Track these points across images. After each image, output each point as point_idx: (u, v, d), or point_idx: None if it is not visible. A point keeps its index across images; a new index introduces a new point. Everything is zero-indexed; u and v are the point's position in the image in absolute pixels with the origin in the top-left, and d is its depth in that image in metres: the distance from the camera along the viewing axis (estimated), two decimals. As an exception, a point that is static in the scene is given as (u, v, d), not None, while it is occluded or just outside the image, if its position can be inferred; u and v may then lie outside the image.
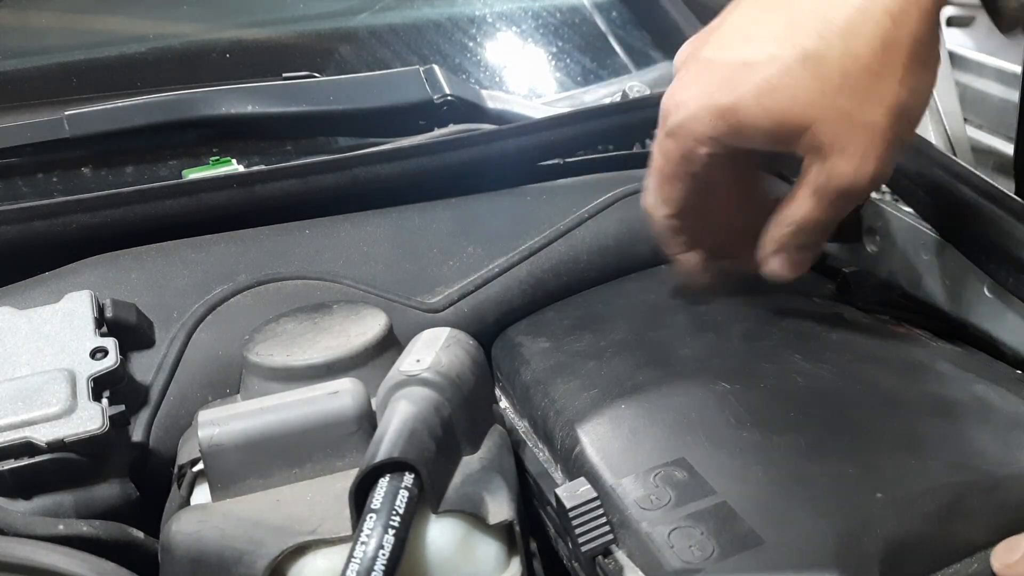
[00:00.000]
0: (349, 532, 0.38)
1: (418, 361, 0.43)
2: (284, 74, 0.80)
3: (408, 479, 0.37)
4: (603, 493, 0.41)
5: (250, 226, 0.60)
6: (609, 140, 0.75)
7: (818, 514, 0.38)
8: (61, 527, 0.42)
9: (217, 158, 0.71)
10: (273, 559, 0.38)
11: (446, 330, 0.47)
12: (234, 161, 0.70)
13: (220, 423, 0.42)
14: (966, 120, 0.74)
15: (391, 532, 0.35)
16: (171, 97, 0.73)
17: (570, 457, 0.44)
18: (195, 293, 0.55)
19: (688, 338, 0.52)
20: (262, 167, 0.64)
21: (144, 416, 0.50)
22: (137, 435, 0.49)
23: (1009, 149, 0.73)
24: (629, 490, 0.40)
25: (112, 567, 0.40)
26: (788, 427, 0.44)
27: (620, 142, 0.77)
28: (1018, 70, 0.84)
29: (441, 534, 0.40)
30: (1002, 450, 0.42)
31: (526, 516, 0.44)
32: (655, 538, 0.38)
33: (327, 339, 0.48)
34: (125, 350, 0.50)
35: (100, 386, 0.46)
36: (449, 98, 0.76)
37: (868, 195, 0.46)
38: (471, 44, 0.98)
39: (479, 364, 0.46)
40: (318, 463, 0.42)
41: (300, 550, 0.39)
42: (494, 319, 0.59)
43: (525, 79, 0.97)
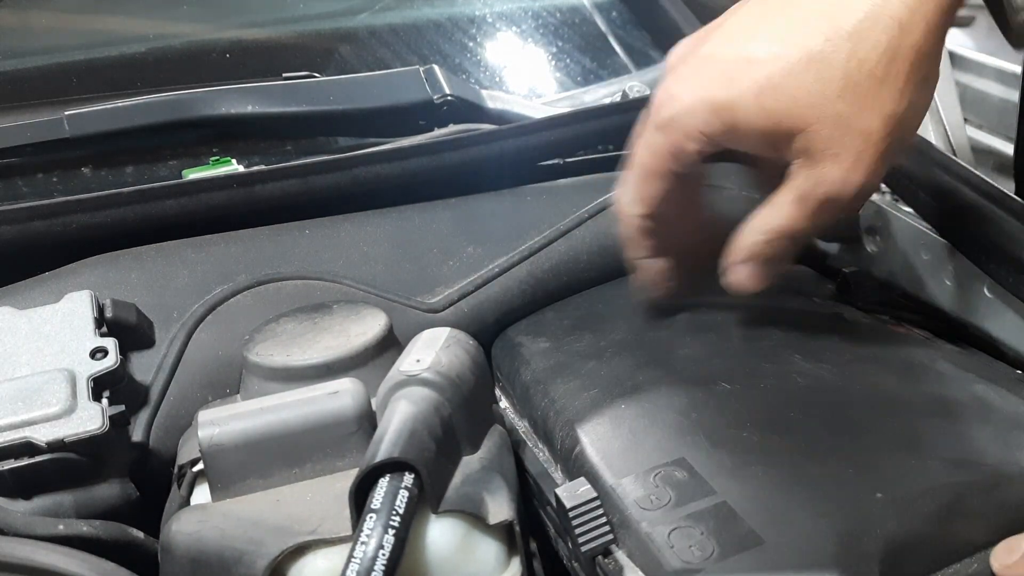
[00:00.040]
0: (349, 532, 0.38)
1: (418, 361, 0.43)
2: (284, 74, 0.80)
3: (408, 479, 0.37)
4: (603, 493, 0.41)
5: (250, 226, 0.60)
6: (609, 140, 0.74)
7: (818, 514, 0.38)
8: (61, 527, 0.42)
9: (217, 158, 0.71)
10: (273, 559, 0.38)
11: (446, 330, 0.47)
12: (234, 161, 0.70)
13: (220, 423, 0.42)
14: (966, 120, 0.74)
15: (391, 532, 0.35)
16: (171, 97, 0.73)
17: (570, 457, 0.44)
18: (195, 293, 0.55)
19: (688, 338, 0.52)
20: (262, 167, 0.63)
21: (144, 416, 0.50)
22: (137, 435, 0.49)
23: (1009, 149, 0.73)
24: (629, 490, 0.40)
25: (112, 567, 0.40)
26: (788, 427, 0.44)
27: (620, 142, 0.77)
28: (1018, 70, 0.84)
29: (441, 534, 0.40)
30: (1002, 450, 0.42)
31: (526, 516, 0.44)
32: (655, 538, 0.38)
33: (327, 339, 0.48)
34: (125, 350, 0.50)
35: (100, 386, 0.46)
36: (449, 98, 0.76)
37: (850, 208, 0.44)
38: (471, 44, 0.98)
39: (479, 364, 0.46)
40: (318, 463, 0.42)
41: (300, 550, 0.39)
42: (494, 319, 0.59)
43: (525, 79, 0.97)
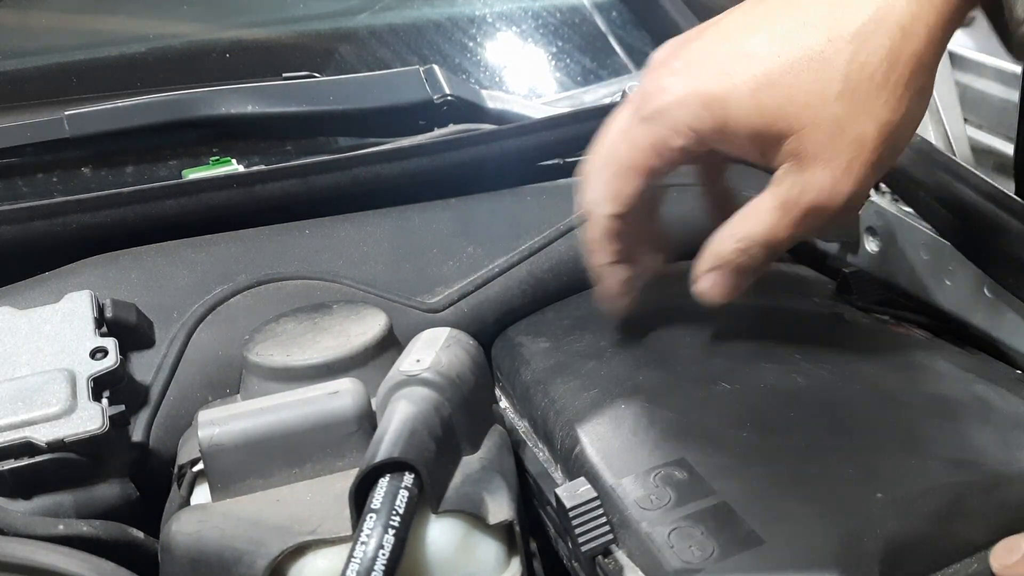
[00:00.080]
0: (349, 532, 0.38)
1: (418, 361, 0.43)
2: (284, 74, 0.80)
3: (408, 479, 0.37)
4: (603, 493, 0.41)
5: (250, 226, 0.60)
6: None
7: (818, 514, 0.38)
8: (61, 527, 0.42)
9: (217, 158, 0.71)
10: (273, 559, 0.38)
11: (446, 330, 0.47)
12: (234, 161, 0.70)
13: (220, 423, 0.42)
14: (966, 120, 0.74)
15: (391, 532, 0.35)
16: (171, 97, 0.73)
17: (570, 457, 0.44)
18: (195, 293, 0.55)
19: (688, 338, 0.52)
20: (262, 167, 0.64)
21: (144, 416, 0.50)
22: (137, 435, 0.49)
23: (1009, 149, 0.73)
24: (629, 490, 0.40)
25: (112, 567, 0.40)
26: (788, 427, 0.44)
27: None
28: (1018, 70, 0.84)
29: (441, 534, 0.40)
30: (1002, 450, 0.42)
31: (526, 516, 0.44)
32: (655, 538, 0.38)
33: (327, 339, 0.48)
34: (125, 350, 0.50)
35: (100, 386, 0.46)
36: (449, 98, 0.76)
37: (835, 218, 0.42)
38: (471, 44, 0.98)
39: (479, 364, 0.46)
40: (318, 463, 0.42)
41: (300, 550, 0.39)
42: (494, 319, 0.59)
43: (525, 79, 0.97)
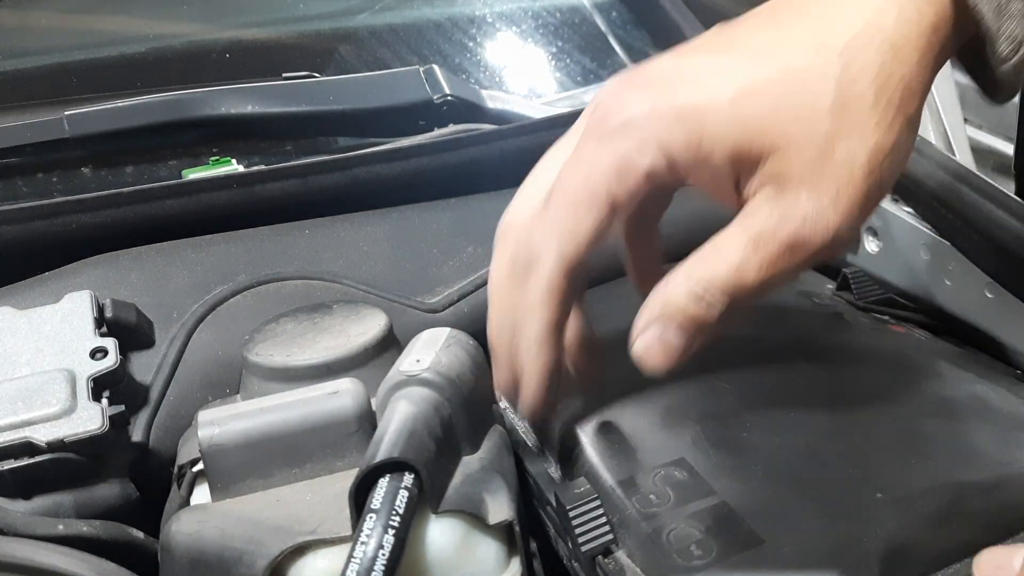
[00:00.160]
0: (349, 532, 0.38)
1: (418, 361, 0.43)
2: (284, 74, 0.80)
3: (408, 479, 0.37)
4: (603, 493, 0.40)
5: (250, 226, 0.60)
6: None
7: (818, 514, 0.38)
8: (61, 527, 0.42)
9: (217, 158, 0.71)
10: (273, 559, 0.38)
11: (446, 330, 0.47)
12: (234, 161, 0.70)
13: (220, 423, 0.42)
14: (966, 120, 0.74)
15: (391, 532, 0.35)
16: (171, 97, 0.73)
17: (570, 457, 0.44)
18: (195, 293, 0.55)
19: (688, 338, 0.52)
20: (262, 167, 0.64)
21: (144, 416, 0.50)
22: (137, 435, 0.49)
23: (1009, 149, 0.73)
24: (629, 490, 0.40)
25: (112, 567, 0.40)
26: (788, 427, 0.44)
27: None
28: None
29: (441, 534, 0.40)
30: (1002, 450, 0.42)
31: (526, 516, 0.44)
32: (655, 538, 0.38)
33: (327, 339, 0.48)
34: (125, 350, 0.50)
35: (100, 386, 0.46)
36: (449, 98, 0.76)
37: (817, 257, 0.36)
38: (471, 44, 0.98)
39: (479, 364, 0.46)
40: (318, 463, 0.42)
41: (300, 550, 0.39)
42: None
43: (525, 79, 0.97)
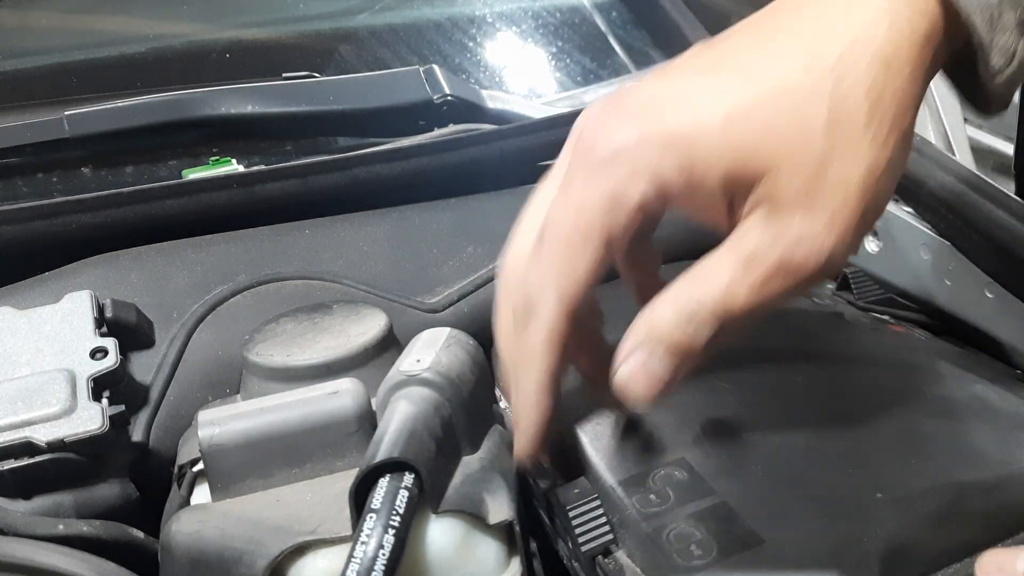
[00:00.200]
0: (349, 532, 0.38)
1: (418, 361, 0.43)
2: (284, 74, 0.80)
3: (408, 479, 0.37)
4: (603, 493, 0.40)
5: (250, 226, 0.60)
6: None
7: (818, 514, 0.38)
8: (61, 527, 0.42)
9: (217, 158, 0.71)
10: (273, 559, 0.38)
11: (446, 330, 0.47)
12: (234, 161, 0.70)
13: (220, 423, 0.42)
14: (966, 120, 0.74)
15: (391, 532, 0.35)
16: (171, 97, 0.73)
17: (570, 457, 0.44)
18: (195, 293, 0.55)
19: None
20: (262, 167, 0.64)
21: (144, 416, 0.50)
22: (137, 435, 0.49)
23: (1009, 149, 0.73)
24: (629, 490, 0.40)
25: (112, 567, 0.40)
26: (788, 427, 0.44)
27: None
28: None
29: (441, 534, 0.40)
30: (1002, 450, 0.42)
31: (526, 516, 0.44)
32: (655, 538, 0.38)
33: (327, 339, 0.48)
34: (125, 350, 0.50)
35: (100, 386, 0.46)
36: (449, 98, 0.76)
37: (810, 281, 0.35)
38: (471, 44, 0.99)
39: (479, 364, 0.46)
40: (318, 463, 0.42)
41: (300, 550, 0.39)
42: (494, 319, 0.59)
43: (525, 79, 0.97)
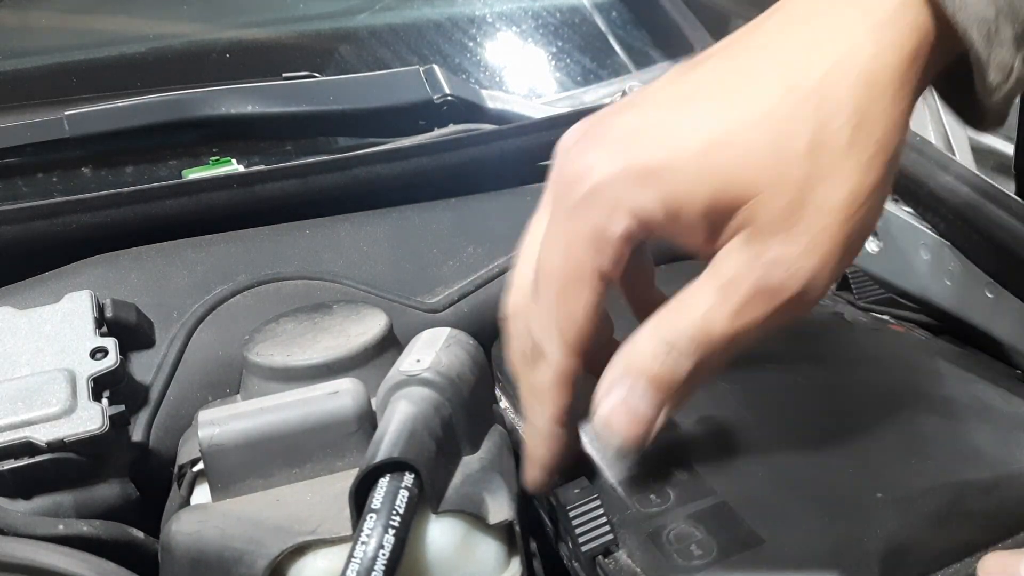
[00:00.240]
0: (349, 532, 0.38)
1: (418, 361, 0.43)
2: (284, 74, 0.80)
3: (408, 479, 0.37)
4: (603, 493, 0.40)
5: (250, 226, 0.60)
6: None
7: (818, 514, 0.38)
8: (61, 527, 0.42)
9: (217, 158, 0.71)
10: (273, 559, 0.38)
11: (446, 330, 0.47)
12: (234, 161, 0.70)
13: (220, 423, 0.42)
14: (966, 120, 0.74)
15: (391, 532, 0.35)
16: (171, 97, 0.73)
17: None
18: (195, 293, 0.55)
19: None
20: (262, 167, 0.64)
21: (144, 416, 0.50)
22: (137, 435, 0.49)
23: (1009, 149, 0.72)
24: (629, 490, 0.40)
25: (112, 567, 0.40)
26: (788, 427, 0.44)
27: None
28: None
29: (441, 534, 0.40)
30: (1002, 450, 0.42)
31: (526, 516, 0.44)
32: (655, 538, 0.38)
33: (327, 339, 0.48)
34: (125, 350, 0.50)
35: (100, 386, 0.46)
36: (449, 98, 0.76)
37: (792, 308, 0.34)
38: (471, 44, 0.99)
39: (479, 364, 0.46)
40: (318, 463, 0.42)
41: (300, 550, 0.39)
42: (494, 319, 0.58)
43: (525, 79, 0.97)
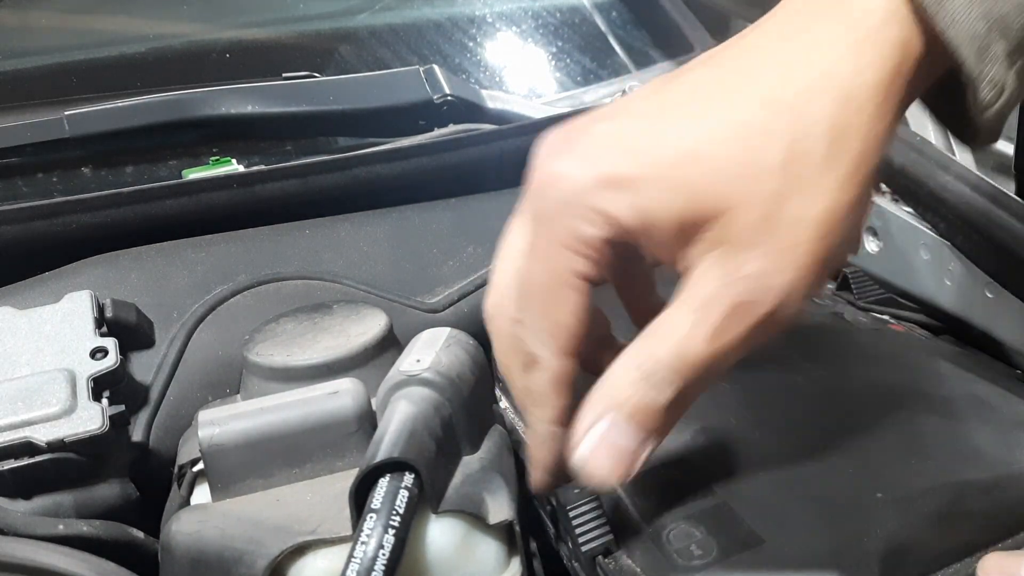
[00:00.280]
0: (349, 532, 0.38)
1: (418, 361, 0.43)
2: (284, 74, 0.80)
3: (408, 479, 0.37)
4: (603, 493, 0.40)
5: (250, 226, 0.60)
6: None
7: (818, 514, 0.38)
8: (61, 527, 0.42)
9: (217, 158, 0.71)
10: (273, 559, 0.38)
11: (446, 330, 0.47)
12: (234, 161, 0.70)
13: (220, 423, 0.42)
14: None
15: (391, 532, 0.35)
16: (171, 97, 0.73)
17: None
18: (195, 293, 0.55)
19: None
20: (262, 167, 0.64)
21: (144, 416, 0.50)
22: (137, 435, 0.49)
23: (1009, 149, 0.72)
24: (629, 490, 0.40)
25: (112, 567, 0.40)
26: (788, 427, 0.44)
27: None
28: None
29: (441, 534, 0.40)
30: (1002, 450, 0.42)
31: (526, 516, 0.44)
32: (655, 538, 0.38)
33: (327, 339, 0.48)
34: (125, 350, 0.50)
35: (100, 386, 0.46)
36: (449, 98, 0.76)
37: (770, 322, 0.33)
38: (471, 44, 0.99)
39: (479, 364, 0.46)
40: (318, 463, 0.42)
41: (300, 550, 0.39)
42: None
43: (525, 79, 0.97)
